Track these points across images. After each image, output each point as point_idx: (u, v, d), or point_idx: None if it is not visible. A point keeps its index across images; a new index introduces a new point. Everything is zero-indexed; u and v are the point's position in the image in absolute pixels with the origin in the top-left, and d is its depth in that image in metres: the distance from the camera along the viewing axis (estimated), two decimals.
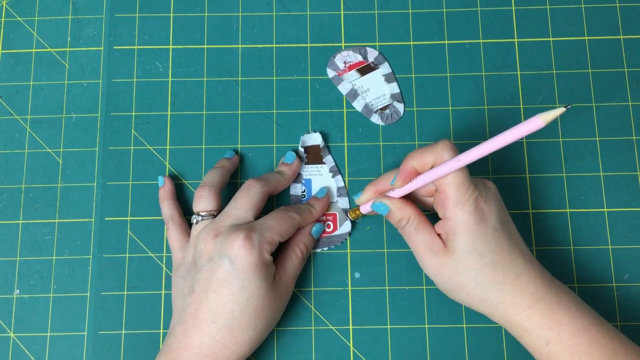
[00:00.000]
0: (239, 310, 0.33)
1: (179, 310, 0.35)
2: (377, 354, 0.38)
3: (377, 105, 0.42)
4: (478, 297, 0.33)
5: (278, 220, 0.36)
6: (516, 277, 0.33)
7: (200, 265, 0.34)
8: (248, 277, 0.33)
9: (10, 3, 0.45)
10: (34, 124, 0.42)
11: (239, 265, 0.33)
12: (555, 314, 0.32)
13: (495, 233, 0.33)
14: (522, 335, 0.33)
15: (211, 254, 0.34)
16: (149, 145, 0.42)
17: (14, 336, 0.39)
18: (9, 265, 0.40)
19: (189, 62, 0.43)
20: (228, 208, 0.36)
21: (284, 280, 0.36)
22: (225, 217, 0.35)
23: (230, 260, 0.33)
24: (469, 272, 0.32)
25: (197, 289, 0.34)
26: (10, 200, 0.41)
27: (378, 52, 0.43)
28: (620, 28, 0.43)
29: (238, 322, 0.33)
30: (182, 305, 0.34)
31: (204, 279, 0.34)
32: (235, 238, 0.33)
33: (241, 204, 0.36)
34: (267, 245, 0.34)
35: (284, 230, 0.36)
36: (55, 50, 0.43)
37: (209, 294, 0.33)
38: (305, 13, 0.44)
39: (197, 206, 0.37)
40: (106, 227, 0.40)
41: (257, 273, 0.33)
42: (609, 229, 0.40)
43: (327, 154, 0.41)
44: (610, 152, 0.41)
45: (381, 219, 0.40)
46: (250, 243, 0.33)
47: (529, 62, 0.43)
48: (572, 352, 0.32)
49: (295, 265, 0.37)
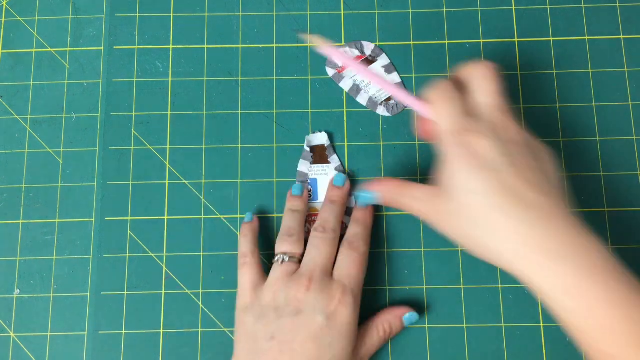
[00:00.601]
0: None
1: (250, 352, 0.33)
2: (377, 354, 0.38)
3: (381, 97, 0.42)
4: (480, 244, 0.31)
5: (357, 266, 0.35)
6: (519, 223, 0.29)
7: (285, 313, 0.33)
8: (338, 336, 0.32)
9: (10, 3, 0.45)
10: (34, 124, 0.42)
11: (335, 323, 0.32)
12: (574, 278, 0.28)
13: (490, 173, 0.30)
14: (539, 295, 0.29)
15: (301, 306, 0.33)
16: (149, 145, 0.42)
17: (14, 336, 0.39)
18: (9, 265, 0.40)
19: (189, 62, 0.43)
20: (312, 255, 0.35)
21: (359, 353, 0.35)
22: (314, 266, 0.34)
23: (326, 317, 0.32)
24: (467, 210, 0.31)
25: (278, 337, 0.32)
26: (10, 200, 0.41)
27: (374, 45, 0.43)
28: (620, 28, 0.43)
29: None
30: (255, 348, 0.33)
31: (289, 329, 0.32)
32: (333, 295, 0.33)
33: (325, 252, 0.35)
34: (358, 299, 0.34)
35: (364, 273, 0.36)
36: (56, 50, 0.44)
37: (294, 345, 0.32)
38: (305, 13, 0.44)
39: (282, 247, 0.36)
40: (106, 227, 0.40)
41: (348, 335, 0.33)
42: (609, 228, 0.40)
43: (333, 154, 0.41)
44: (610, 152, 0.41)
45: (381, 219, 0.40)
46: (347, 302, 0.33)
47: (529, 62, 0.43)
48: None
49: (375, 342, 0.35)
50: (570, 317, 0.28)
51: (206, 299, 0.39)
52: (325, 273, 0.34)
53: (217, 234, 0.40)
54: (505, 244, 0.29)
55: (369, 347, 0.35)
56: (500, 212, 0.29)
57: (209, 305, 0.39)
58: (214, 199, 0.41)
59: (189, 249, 0.40)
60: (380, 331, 0.36)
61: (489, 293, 0.39)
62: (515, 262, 0.29)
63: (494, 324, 0.39)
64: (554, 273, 0.28)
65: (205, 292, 0.39)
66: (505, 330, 0.38)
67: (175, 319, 0.39)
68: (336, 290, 0.33)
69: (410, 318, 0.37)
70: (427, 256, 0.40)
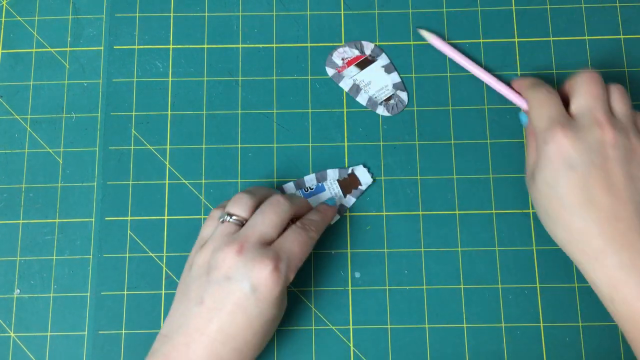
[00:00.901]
0: (251, 334, 0.32)
1: (181, 315, 0.33)
2: (377, 354, 0.38)
3: (381, 97, 0.42)
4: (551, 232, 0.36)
5: (301, 245, 0.34)
6: (584, 226, 0.34)
7: (214, 278, 0.32)
8: (268, 307, 0.32)
9: (10, 3, 0.45)
10: (34, 124, 0.42)
11: (262, 295, 0.32)
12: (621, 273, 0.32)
13: (569, 172, 0.34)
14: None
15: (230, 272, 0.32)
16: (149, 145, 0.42)
17: (14, 336, 0.39)
18: (9, 265, 0.40)
19: (189, 62, 0.43)
20: (255, 221, 0.34)
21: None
22: (251, 231, 0.33)
23: (252, 287, 0.32)
24: (541, 200, 0.36)
25: (207, 302, 0.32)
26: (10, 200, 0.41)
27: (374, 44, 0.43)
28: (620, 28, 0.43)
29: (248, 346, 0.32)
30: (185, 310, 0.33)
31: (217, 295, 0.32)
32: (263, 267, 0.32)
33: (269, 220, 0.34)
34: (291, 276, 0.33)
35: (306, 256, 0.34)
36: (56, 50, 0.44)
37: (222, 314, 0.31)
38: (305, 13, 0.44)
39: (231, 207, 0.35)
40: (106, 227, 0.40)
41: (277, 304, 0.33)
42: None
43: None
44: None
45: (381, 219, 0.40)
46: (277, 275, 0.32)
47: (529, 62, 0.43)
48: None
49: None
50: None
51: None
52: (262, 241, 0.33)
53: None
54: (572, 239, 0.33)
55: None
56: (569, 211, 0.33)
57: None
58: (214, 199, 0.41)
59: (189, 249, 0.40)
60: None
61: (489, 293, 0.39)
62: (583, 261, 0.33)
63: (494, 324, 0.39)
64: (621, 266, 0.31)
65: None
66: (505, 330, 0.38)
67: None
68: (269, 261, 0.32)
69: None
70: (427, 256, 0.40)
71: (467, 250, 0.40)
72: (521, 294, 0.39)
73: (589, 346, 0.38)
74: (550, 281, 0.39)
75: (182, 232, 0.40)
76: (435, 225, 0.40)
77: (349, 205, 0.40)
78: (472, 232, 0.40)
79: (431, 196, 0.41)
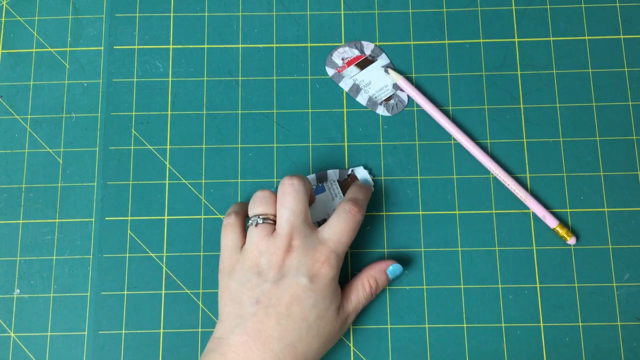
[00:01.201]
0: (305, 329, 0.32)
1: (236, 317, 0.33)
2: (377, 354, 0.38)
3: (381, 97, 0.42)
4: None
5: (348, 231, 0.35)
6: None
7: (268, 277, 0.33)
8: (321, 296, 0.33)
9: (10, 3, 0.45)
10: (34, 124, 0.42)
11: (318, 285, 0.33)
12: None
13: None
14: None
15: (284, 270, 0.33)
16: (149, 145, 0.42)
17: (14, 336, 0.39)
18: (9, 265, 0.40)
19: (189, 62, 0.43)
20: (286, 217, 0.34)
21: (345, 310, 0.35)
22: (290, 228, 0.34)
23: (309, 278, 0.33)
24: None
25: (264, 301, 0.33)
26: (10, 200, 0.41)
27: (374, 44, 0.43)
28: (620, 28, 0.43)
29: (302, 342, 0.32)
30: (240, 312, 0.33)
31: (274, 293, 0.33)
32: (317, 258, 0.33)
33: (298, 210, 0.34)
34: (341, 260, 0.34)
35: (353, 237, 0.35)
36: (55, 50, 0.44)
37: (279, 309, 0.32)
38: (305, 13, 0.44)
39: (255, 209, 0.35)
40: (106, 227, 0.40)
41: (330, 293, 0.33)
42: (609, 229, 0.40)
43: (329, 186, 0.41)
44: (610, 152, 0.41)
45: (381, 219, 0.40)
46: (329, 263, 0.33)
47: (529, 62, 0.43)
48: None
49: (361, 298, 0.36)
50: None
51: (206, 299, 0.39)
52: (304, 232, 0.34)
53: (217, 234, 0.40)
54: None
55: (355, 303, 0.36)
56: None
57: (209, 305, 0.39)
58: (214, 199, 0.41)
59: (189, 249, 0.40)
60: (366, 287, 0.36)
61: (489, 293, 0.39)
62: None
63: (494, 324, 0.39)
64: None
65: (205, 292, 0.39)
66: (505, 330, 0.38)
67: (175, 319, 0.39)
68: (321, 253, 0.33)
69: (394, 270, 0.37)
70: (427, 256, 0.40)
71: (467, 250, 0.40)
72: (521, 294, 0.39)
73: (589, 346, 0.38)
74: (550, 281, 0.39)
75: (182, 232, 0.40)
76: (435, 225, 0.40)
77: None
78: (472, 232, 0.40)
79: (431, 196, 0.41)
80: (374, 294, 0.37)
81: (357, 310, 0.36)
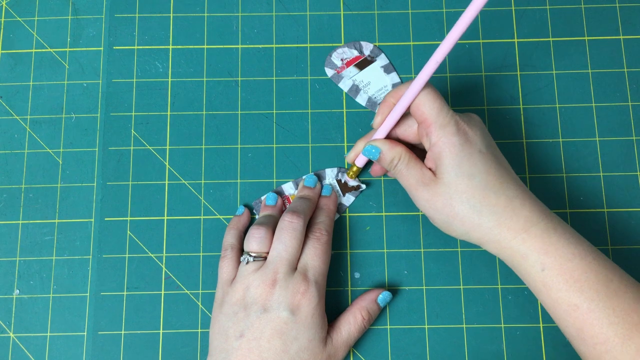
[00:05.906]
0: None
1: (222, 351, 0.34)
2: (377, 354, 0.38)
3: (381, 97, 0.42)
4: (472, 223, 0.33)
5: (321, 256, 0.36)
6: (509, 200, 0.32)
7: (252, 311, 0.34)
8: (304, 328, 0.34)
9: (10, 3, 0.45)
10: (34, 124, 0.42)
11: (300, 316, 0.34)
12: (551, 238, 0.32)
13: (481, 155, 0.33)
14: (519, 262, 0.32)
15: (267, 304, 0.34)
16: (149, 145, 0.42)
17: (14, 336, 0.39)
18: (9, 265, 0.40)
19: (189, 62, 0.43)
20: (278, 251, 0.35)
21: (335, 343, 0.35)
22: (279, 262, 0.35)
23: (290, 311, 0.34)
24: (460, 196, 0.32)
25: (247, 335, 0.34)
26: (10, 200, 0.41)
27: (373, 45, 0.43)
28: (620, 28, 0.43)
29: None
30: (226, 346, 0.34)
31: (257, 326, 0.33)
32: (296, 291, 0.34)
33: (291, 247, 0.35)
34: (322, 287, 0.35)
35: (328, 261, 0.37)
36: (55, 50, 0.44)
37: (261, 342, 0.33)
38: (305, 13, 0.44)
39: (250, 246, 0.36)
40: (106, 227, 0.40)
41: (314, 324, 0.34)
42: (609, 228, 0.40)
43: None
44: (610, 152, 0.41)
45: (381, 219, 0.40)
46: (310, 293, 0.34)
47: (529, 62, 0.43)
48: (567, 278, 0.31)
49: (352, 331, 0.36)
50: (545, 274, 0.32)
51: (205, 299, 0.39)
52: (290, 267, 0.35)
53: (216, 234, 0.40)
54: (490, 218, 0.32)
55: (346, 336, 0.36)
56: (494, 191, 0.32)
57: (209, 305, 0.39)
58: (214, 199, 0.41)
59: (188, 250, 0.40)
60: (358, 318, 0.36)
61: (488, 293, 0.39)
62: (497, 233, 0.32)
63: (493, 324, 0.39)
64: (534, 237, 0.32)
65: (205, 292, 0.39)
66: (505, 331, 0.38)
67: (175, 319, 0.39)
68: (299, 284, 0.34)
69: (384, 298, 0.38)
70: (427, 256, 0.40)
71: (467, 250, 0.40)
72: (521, 294, 0.39)
73: None
74: None
75: (181, 232, 0.40)
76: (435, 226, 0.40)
77: (348, 204, 0.40)
78: None
79: None
80: (366, 325, 0.37)
81: (349, 343, 0.36)
